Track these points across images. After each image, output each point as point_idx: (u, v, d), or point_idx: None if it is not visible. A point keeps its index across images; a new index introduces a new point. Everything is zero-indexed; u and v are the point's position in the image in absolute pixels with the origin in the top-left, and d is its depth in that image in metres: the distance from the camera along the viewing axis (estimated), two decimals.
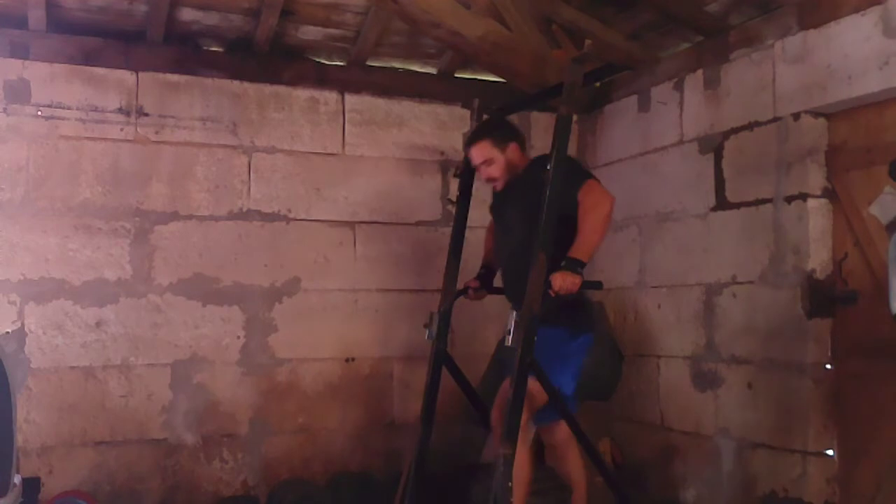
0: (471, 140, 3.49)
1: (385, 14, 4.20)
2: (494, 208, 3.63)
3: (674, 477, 4.26)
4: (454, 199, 3.90)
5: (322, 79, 4.58)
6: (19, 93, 3.99)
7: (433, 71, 4.83)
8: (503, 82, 4.59)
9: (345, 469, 4.41)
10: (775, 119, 3.74)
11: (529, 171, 3.36)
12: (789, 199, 3.67)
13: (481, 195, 3.77)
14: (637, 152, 4.65)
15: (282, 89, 4.48)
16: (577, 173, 3.23)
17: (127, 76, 4.18)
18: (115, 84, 4.16)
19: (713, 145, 4.09)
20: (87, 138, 4.10)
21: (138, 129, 4.19)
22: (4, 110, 3.96)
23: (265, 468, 4.31)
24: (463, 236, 3.80)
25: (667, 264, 4.40)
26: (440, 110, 4.81)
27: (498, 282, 3.65)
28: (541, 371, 3.06)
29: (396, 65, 4.77)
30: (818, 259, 3.60)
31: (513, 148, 3.42)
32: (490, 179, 3.47)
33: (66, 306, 4.01)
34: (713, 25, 4.07)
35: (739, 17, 3.99)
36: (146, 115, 4.20)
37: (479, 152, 3.43)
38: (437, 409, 3.62)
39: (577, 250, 3.05)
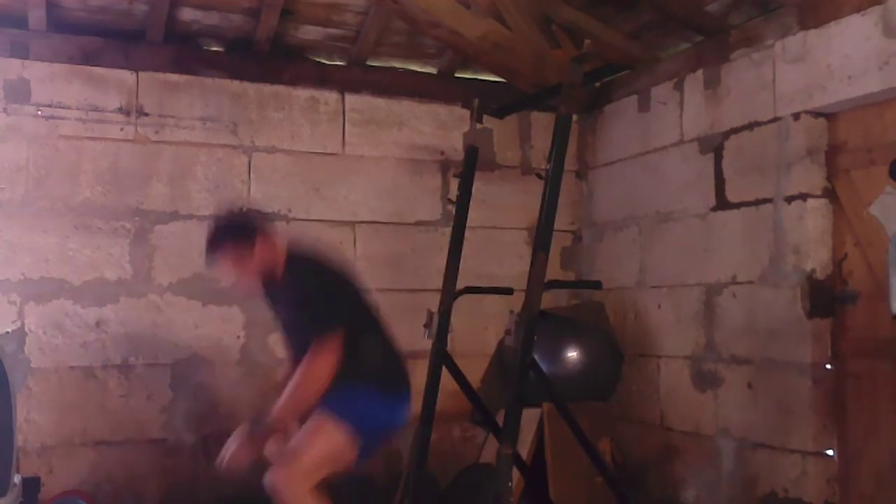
0: (207, 258, 3.01)
1: (385, 14, 4.20)
2: (268, 305, 3.19)
3: (674, 477, 4.25)
4: (454, 199, 3.90)
5: (322, 78, 4.57)
6: (19, 92, 3.98)
7: (433, 71, 4.83)
8: (503, 82, 4.59)
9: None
10: (775, 119, 3.74)
11: (287, 272, 2.96)
12: (789, 199, 3.66)
13: (481, 195, 3.76)
14: (637, 152, 4.64)
15: (282, 89, 4.48)
16: (328, 310, 2.84)
17: (127, 76, 4.18)
18: (115, 84, 4.15)
19: (713, 145, 4.09)
20: (87, 138, 4.09)
21: (138, 129, 4.19)
22: (4, 110, 3.96)
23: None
24: (463, 236, 3.80)
25: (667, 264, 4.40)
26: (440, 110, 4.80)
27: None
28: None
29: (396, 64, 4.76)
30: (818, 259, 3.59)
31: (259, 244, 2.93)
32: (247, 289, 3.10)
33: (66, 306, 4.00)
34: (713, 25, 4.07)
35: (739, 16, 3.98)
36: (146, 114, 4.20)
37: (222, 269, 2.97)
38: (436, 409, 3.62)
39: (274, 409, 2.79)
